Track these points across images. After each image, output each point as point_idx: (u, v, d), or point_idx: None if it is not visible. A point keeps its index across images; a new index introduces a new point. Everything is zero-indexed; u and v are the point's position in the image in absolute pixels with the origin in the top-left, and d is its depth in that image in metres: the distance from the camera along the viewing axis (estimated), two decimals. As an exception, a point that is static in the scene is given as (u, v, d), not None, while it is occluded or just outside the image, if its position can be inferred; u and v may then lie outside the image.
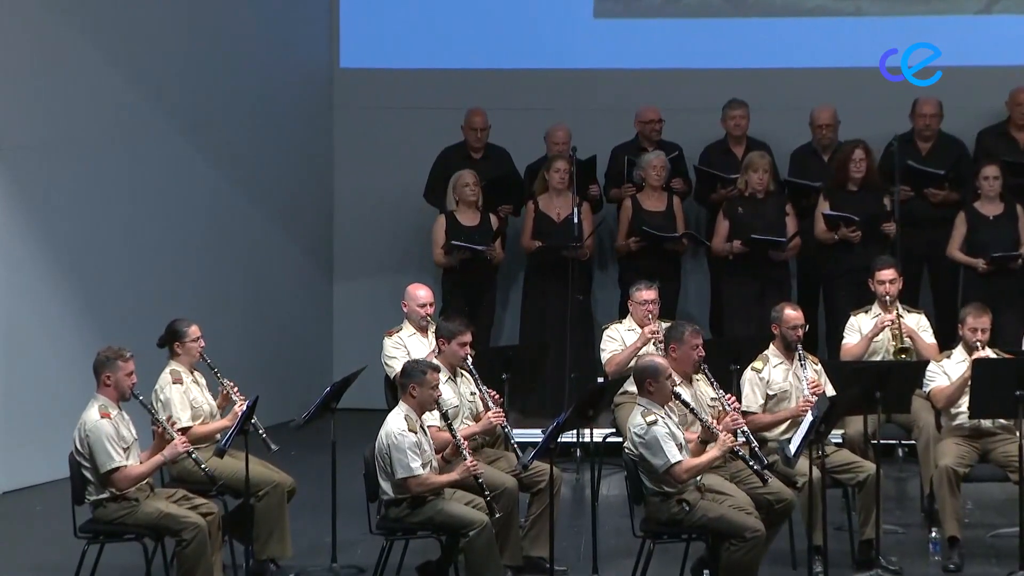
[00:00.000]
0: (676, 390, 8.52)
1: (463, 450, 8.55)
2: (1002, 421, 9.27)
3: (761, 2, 13.21)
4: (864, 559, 9.09)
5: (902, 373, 9.29)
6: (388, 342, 10.18)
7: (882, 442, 9.42)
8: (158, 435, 8.57)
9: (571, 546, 9.48)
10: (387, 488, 8.48)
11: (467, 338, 9.13)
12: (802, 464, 8.70)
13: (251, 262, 12.74)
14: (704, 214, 12.66)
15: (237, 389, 9.21)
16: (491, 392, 9.17)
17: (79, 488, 8.48)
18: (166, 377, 9.15)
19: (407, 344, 10.11)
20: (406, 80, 13.31)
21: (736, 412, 8.82)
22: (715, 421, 8.74)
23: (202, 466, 8.59)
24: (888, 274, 10.29)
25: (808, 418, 8.61)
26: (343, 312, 13.53)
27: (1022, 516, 8.88)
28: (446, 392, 9.00)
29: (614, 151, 12.60)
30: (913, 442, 10.08)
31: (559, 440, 8.65)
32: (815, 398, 9.08)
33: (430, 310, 10.22)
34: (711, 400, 8.98)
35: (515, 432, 9.25)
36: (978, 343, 9.41)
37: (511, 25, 13.34)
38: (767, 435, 9.19)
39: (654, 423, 8.34)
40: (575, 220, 11.69)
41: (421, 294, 10.23)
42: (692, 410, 8.56)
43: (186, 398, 9.11)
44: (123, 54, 11.58)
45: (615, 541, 9.40)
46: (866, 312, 10.38)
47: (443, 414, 8.65)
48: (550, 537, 8.66)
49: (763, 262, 11.81)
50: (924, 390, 9.52)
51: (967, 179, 11.95)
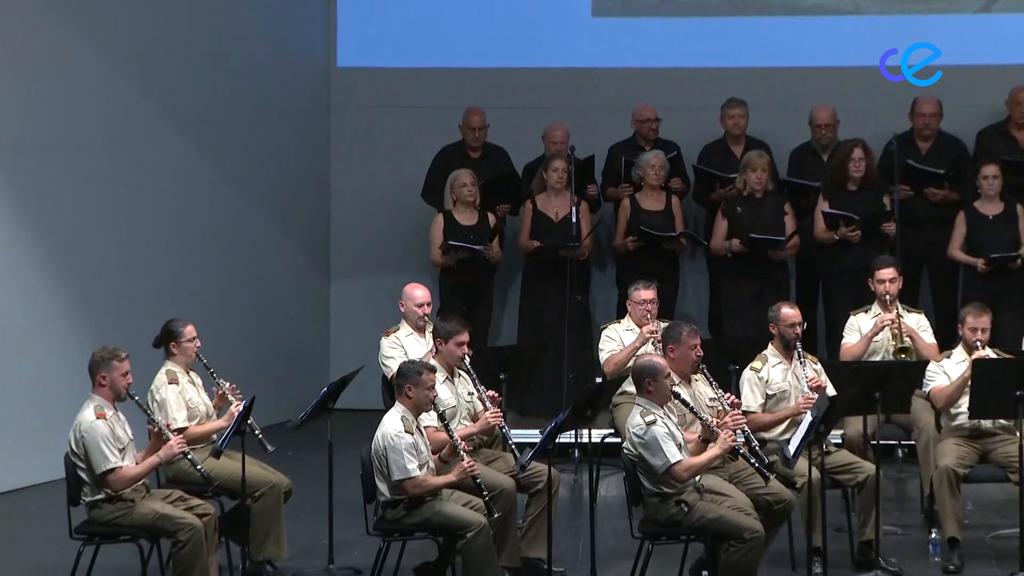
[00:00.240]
0: (675, 389, 8.52)
1: (460, 451, 8.55)
2: (1002, 421, 9.28)
3: (760, 1, 13.21)
4: (864, 560, 9.09)
5: (902, 373, 9.29)
6: (385, 342, 10.18)
7: (882, 442, 9.42)
8: (154, 436, 8.57)
9: (569, 547, 9.48)
10: (384, 489, 8.48)
11: (464, 338, 9.13)
12: (801, 465, 8.70)
13: (248, 261, 12.73)
14: (703, 214, 12.66)
15: (234, 389, 9.21)
16: (489, 392, 9.17)
17: (74, 489, 8.47)
18: (162, 377, 9.14)
19: (404, 344, 10.11)
20: (404, 79, 13.30)
21: (737, 411, 8.82)
22: (714, 420, 8.75)
23: (198, 467, 8.58)
24: (888, 273, 10.30)
25: (807, 418, 8.61)
26: (340, 312, 13.53)
27: (1022, 517, 8.88)
28: (443, 392, 9.00)
29: (611, 150, 12.60)
30: (913, 442, 10.08)
31: (557, 440, 8.64)
32: (816, 395, 9.08)
33: (427, 310, 10.22)
34: (710, 400, 8.98)
35: (513, 432, 9.24)
36: (978, 343, 9.42)
37: (509, 23, 13.34)
38: (766, 435, 9.19)
39: (653, 423, 8.34)
40: (573, 220, 11.69)
41: (418, 294, 10.23)
42: (692, 409, 8.56)
43: (182, 398, 9.11)
44: (121, 53, 11.58)
45: (613, 542, 9.40)
46: (866, 312, 10.39)
47: (440, 415, 8.65)
48: (548, 538, 8.66)
49: (762, 262, 11.81)
50: (924, 390, 9.52)
51: (967, 178, 11.96)
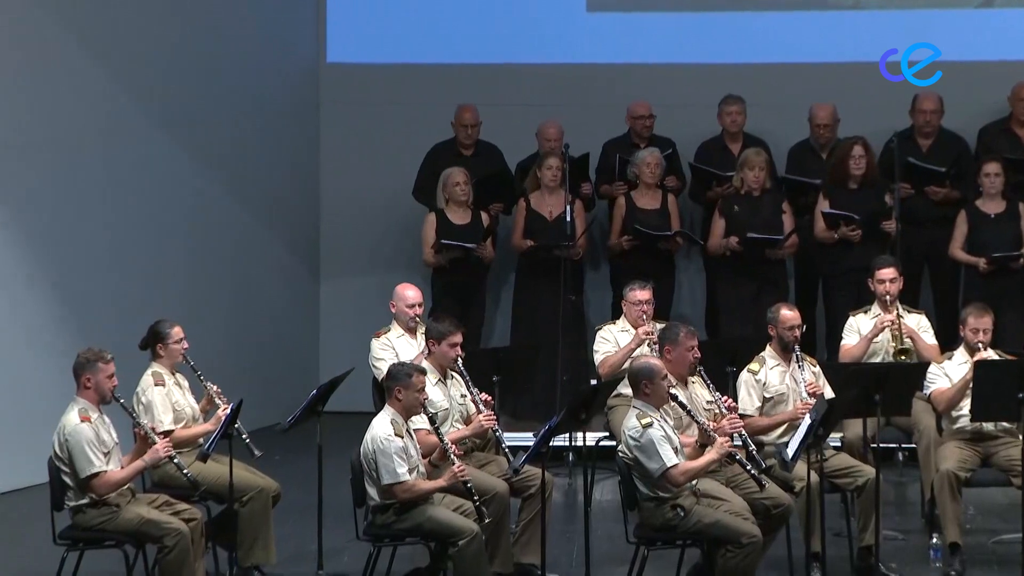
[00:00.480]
0: (672, 392, 8.49)
1: (451, 455, 8.52)
2: (1004, 424, 9.26)
3: (758, -5, 13.22)
4: (863, 566, 9.07)
5: (902, 375, 9.27)
6: (376, 343, 10.16)
7: (882, 446, 9.40)
8: (139, 439, 8.54)
9: (563, 553, 9.46)
10: (374, 493, 8.46)
11: (458, 339, 9.11)
12: (800, 468, 8.68)
13: (235, 261, 12.71)
14: (699, 212, 12.64)
15: (221, 392, 9.19)
16: (482, 395, 9.14)
17: (58, 494, 8.44)
18: (148, 379, 9.12)
19: (395, 346, 10.09)
20: (394, 75, 13.28)
21: (734, 414, 8.81)
22: (712, 424, 8.72)
23: (184, 471, 8.56)
24: (888, 273, 10.28)
25: (806, 421, 8.59)
26: (330, 313, 13.51)
27: (1025, 521, 8.87)
28: (436, 394, 8.98)
29: (605, 146, 12.58)
30: (913, 446, 10.07)
31: (551, 444, 8.62)
32: (813, 400, 9.06)
33: (419, 311, 10.21)
34: (707, 403, 8.96)
35: (506, 436, 9.22)
36: (980, 344, 9.40)
37: (503, 18, 13.32)
38: (764, 439, 9.18)
39: (650, 426, 8.32)
40: (568, 219, 11.67)
41: (410, 294, 10.21)
42: (689, 412, 8.54)
43: (168, 401, 9.09)
44: (105, 50, 11.55)
45: (608, 547, 9.37)
46: (865, 312, 10.37)
47: (431, 418, 8.62)
48: (542, 544, 8.63)
49: (759, 261, 11.80)
50: (924, 392, 9.50)
51: (968, 176, 11.94)
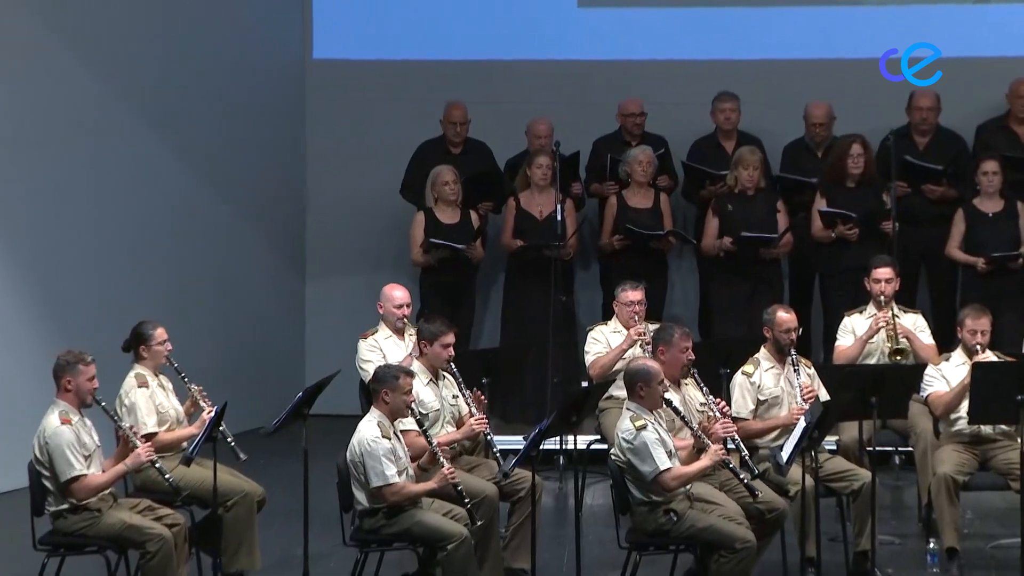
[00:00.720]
0: (667, 396, 8.48)
1: (440, 457, 8.50)
2: (1003, 427, 9.26)
3: (752, -9, 13.21)
4: (859, 571, 9.07)
5: (898, 377, 9.26)
6: (363, 345, 10.15)
7: (878, 449, 9.39)
8: (121, 442, 8.52)
9: (554, 557, 9.44)
10: (361, 497, 8.44)
11: (450, 340, 9.11)
12: (794, 472, 8.67)
13: (220, 261, 12.69)
14: (692, 211, 12.63)
15: (205, 394, 9.17)
16: (476, 395, 9.12)
17: (38, 498, 8.41)
18: (131, 381, 9.10)
19: (383, 347, 10.08)
20: (382, 72, 13.27)
21: (727, 418, 8.80)
22: (705, 426, 8.72)
23: (166, 476, 8.53)
24: (884, 273, 10.28)
25: (801, 424, 8.58)
26: (316, 313, 13.49)
27: (1023, 526, 8.85)
28: (427, 395, 8.98)
29: (596, 144, 12.58)
30: (910, 449, 10.07)
31: (541, 447, 8.60)
32: (808, 404, 9.05)
33: (407, 311, 10.19)
34: (700, 405, 8.96)
35: (495, 438, 9.20)
36: (978, 346, 9.39)
37: (492, 14, 13.31)
38: (758, 442, 9.17)
39: (644, 428, 8.31)
40: (559, 218, 11.66)
41: (397, 295, 10.20)
42: (683, 418, 8.53)
43: (152, 403, 9.07)
44: (89, 45, 11.52)
45: (600, 552, 9.36)
46: (860, 313, 10.37)
47: (418, 421, 8.61)
48: (532, 548, 8.63)
49: (754, 261, 11.79)
50: (922, 395, 9.49)
51: (966, 175, 11.94)
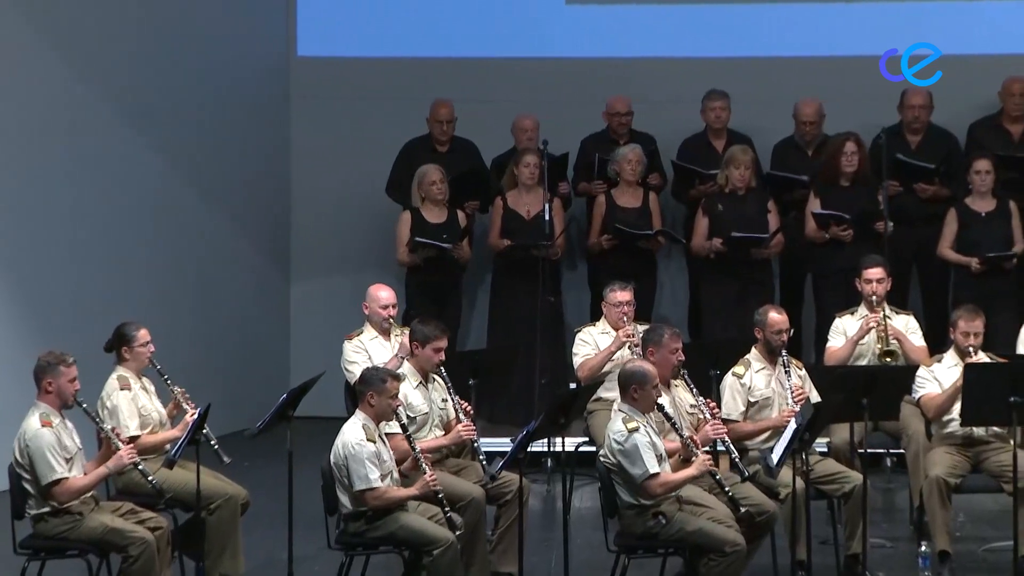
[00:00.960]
0: (660, 402, 8.49)
1: (422, 464, 8.50)
2: (995, 429, 9.27)
3: (742, -13, 13.22)
4: (850, 574, 9.08)
5: (890, 379, 9.27)
6: (348, 346, 10.15)
7: (869, 451, 9.42)
8: (104, 444, 8.51)
9: (541, 561, 9.44)
10: (346, 500, 8.43)
11: (443, 344, 9.11)
12: (785, 474, 8.67)
13: (203, 261, 12.67)
14: (682, 210, 12.64)
15: (188, 396, 9.16)
16: (463, 403, 9.13)
17: (19, 502, 8.40)
18: (113, 383, 9.09)
19: (368, 348, 10.08)
20: (367, 69, 13.26)
21: (717, 420, 8.81)
22: (694, 429, 8.73)
23: (149, 478, 8.52)
24: (876, 273, 10.30)
25: (791, 426, 8.58)
26: (301, 314, 13.49)
27: (1016, 529, 8.87)
28: (416, 398, 8.98)
29: (584, 143, 12.58)
30: (902, 451, 10.06)
31: (529, 449, 8.61)
32: (799, 406, 9.05)
33: (393, 312, 10.19)
34: (690, 407, 8.96)
35: (482, 441, 9.20)
36: (971, 348, 9.39)
37: (480, 11, 13.31)
38: (749, 444, 9.18)
39: (636, 430, 8.32)
40: (547, 217, 11.66)
41: (383, 295, 10.20)
42: (674, 426, 8.54)
43: (134, 406, 9.06)
44: (68, 40, 11.50)
45: (588, 556, 9.36)
46: (852, 314, 10.39)
47: (403, 425, 8.60)
48: (519, 552, 8.62)
49: (744, 261, 11.79)
50: (913, 396, 9.50)
51: (958, 174, 11.96)
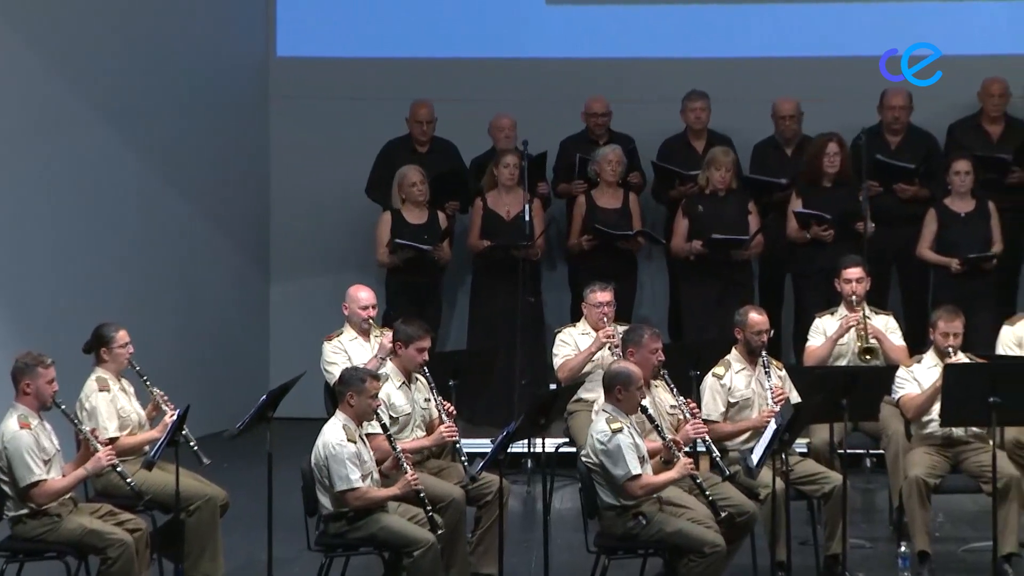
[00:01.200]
0: (643, 403, 8.51)
1: (403, 464, 8.51)
2: (975, 429, 9.30)
3: (722, -12, 13.24)
4: (830, 575, 9.10)
5: (870, 379, 9.30)
6: (328, 347, 10.15)
7: (849, 452, 9.43)
8: (83, 446, 8.50)
9: (521, 562, 9.45)
10: (326, 502, 8.44)
11: (426, 344, 9.13)
12: (765, 475, 8.69)
13: (182, 262, 12.65)
14: (662, 211, 12.65)
15: (167, 398, 9.15)
16: (446, 404, 9.13)
17: (-3, 503, 8.40)
18: (92, 385, 9.08)
19: (348, 349, 10.07)
20: (347, 69, 13.25)
21: (697, 419, 8.83)
22: (675, 429, 8.75)
23: (127, 480, 8.52)
24: (854, 273, 10.33)
25: (771, 426, 8.61)
26: (280, 315, 13.47)
27: (995, 529, 8.90)
28: (399, 398, 8.99)
29: (563, 144, 12.59)
30: (881, 451, 10.10)
31: (509, 450, 8.62)
32: (779, 407, 9.08)
33: (372, 312, 10.20)
34: (671, 407, 8.98)
35: (463, 441, 9.21)
36: (950, 349, 9.42)
37: (459, 11, 13.30)
38: (729, 444, 9.19)
39: (619, 431, 8.34)
40: (527, 218, 11.67)
41: (363, 296, 10.20)
42: (657, 428, 8.56)
43: (113, 407, 9.05)
44: (46, 41, 11.46)
45: (568, 557, 9.37)
46: (831, 314, 10.41)
47: (383, 424, 8.61)
48: (499, 553, 8.64)
49: (724, 262, 11.81)
50: (893, 397, 9.53)
51: (938, 174, 12.00)
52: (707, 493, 8.47)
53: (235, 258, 13.22)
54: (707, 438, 8.82)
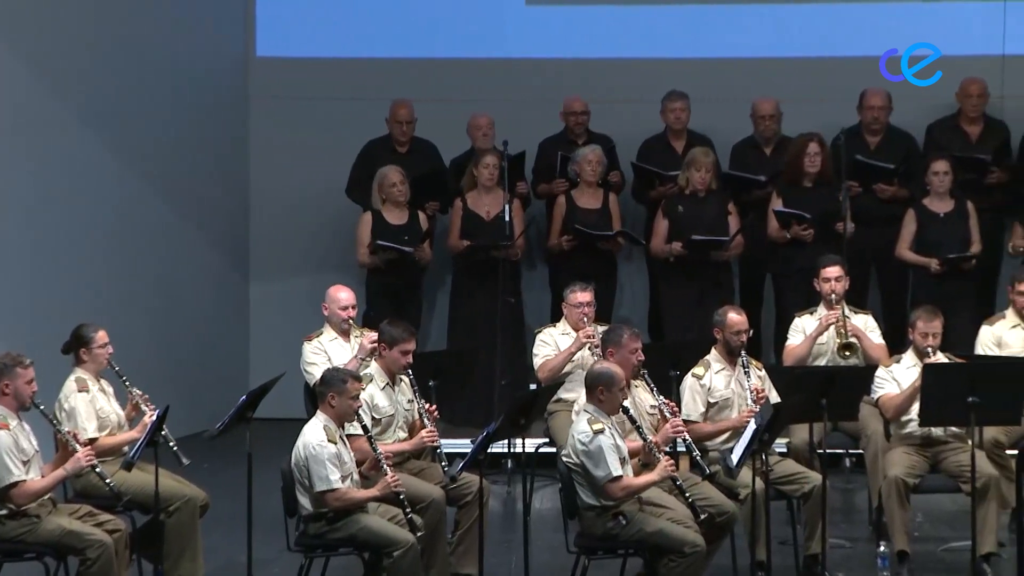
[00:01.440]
0: (626, 405, 8.51)
1: (383, 465, 8.51)
2: (954, 429, 9.33)
3: (701, -12, 13.25)
4: (810, 574, 9.12)
5: (849, 379, 9.32)
6: (308, 347, 10.14)
7: (828, 451, 9.46)
8: (61, 447, 8.49)
9: (501, 563, 9.45)
10: (306, 503, 8.43)
11: (411, 346, 9.13)
12: (745, 475, 8.71)
13: (161, 262, 12.63)
14: (642, 211, 12.66)
15: (147, 398, 9.14)
16: (429, 408, 9.13)
17: (-25, 504, 8.38)
18: (71, 385, 9.06)
19: (328, 349, 10.07)
20: (326, 69, 13.24)
21: (677, 419, 8.84)
22: (654, 429, 8.76)
23: (106, 481, 8.50)
24: (833, 272, 10.35)
25: (751, 426, 8.62)
26: (260, 315, 13.45)
27: (974, 529, 8.93)
28: (381, 400, 9.00)
29: (542, 145, 12.60)
30: (861, 451, 10.12)
31: (489, 450, 8.62)
32: (758, 406, 9.10)
33: (352, 313, 10.19)
34: (650, 407, 8.99)
35: (442, 442, 9.21)
36: (929, 348, 9.45)
37: (439, 12, 13.30)
38: (709, 444, 9.21)
39: (601, 432, 8.34)
40: (507, 218, 11.67)
41: (343, 296, 10.19)
42: (638, 428, 8.57)
43: (92, 407, 9.04)
44: (24, 39, 11.43)
45: (548, 557, 9.38)
46: (811, 314, 10.44)
47: (364, 426, 8.61)
48: (479, 553, 8.64)
49: (704, 263, 11.83)
50: (872, 397, 9.55)
51: (917, 174, 12.03)
52: (687, 494, 8.47)
53: (215, 258, 13.20)
54: (687, 438, 8.83)
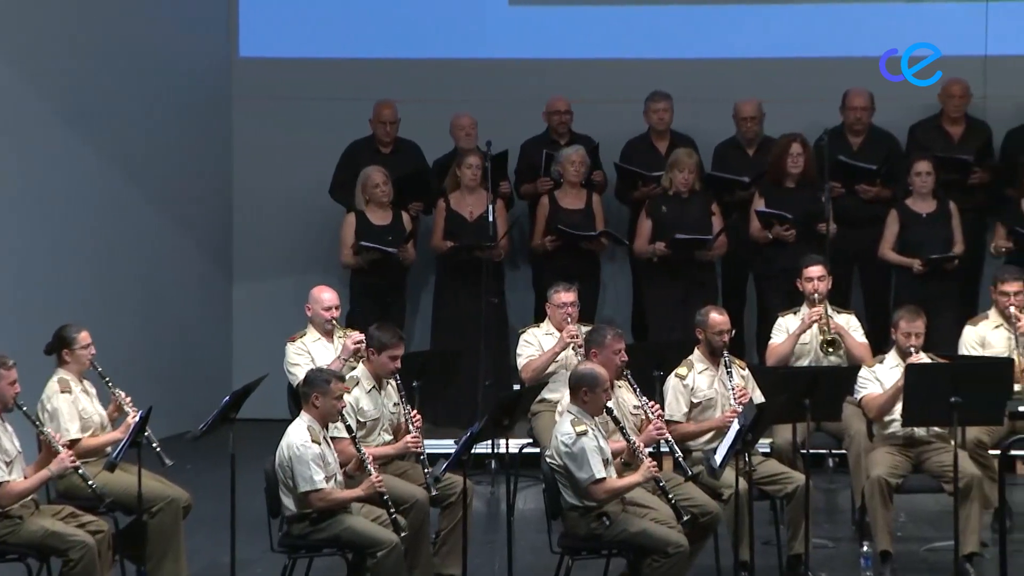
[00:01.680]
0: (609, 405, 8.51)
1: (368, 465, 8.50)
2: (936, 429, 9.34)
3: (684, -11, 13.26)
4: (793, 574, 9.13)
5: (832, 379, 9.33)
6: (291, 348, 10.13)
7: (811, 452, 9.45)
8: (44, 448, 8.47)
9: (485, 563, 9.46)
10: (289, 503, 8.43)
11: (399, 352, 9.12)
12: (728, 475, 8.71)
13: (144, 262, 12.61)
14: (625, 211, 12.67)
15: (129, 399, 9.12)
16: (413, 414, 9.12)
17: (-42, 506, 8.35)
18: (53, 386, 9.05)
19: (311, 350, 10.06)
20: (309, 70, 13.23)
21: (660, 420, 8.84)
22: (637, 430, 8.76)
23: (89, 482, 8.49)
24: (816, 271, 10.37)
25: (734, 427, 8.62)
26: (243, 316, 13.44)
27: (957, 529, 8.95)
28: (366, 403, 9.00)
29: (524, 145, 12.60)
30: (844, 452, 10.14)
31: (472, 451, 8.62)
32: (742, 407, 9.10)
33: (336, 313, 10.18)
34: (634, 408, 8.99)
35: (426, 442, 9.20)
36: (912, 348, 9.47)
37: (422, 12, 13.30)
38: (692, 444, 9.21)
39: (584, 434, 8.34)
40: (490, 219, 11.67)
41: (326, 297, 10.18)
42: (622, 429, 8.56)
43: (75, 408, 9.03)
44: (6, 40, 11.40)
45: (532, 558, 9.38)
46: (794, 313, 10.45)
47: (348, 427, 8.60)
48: (463, 554, 8.64)
49: (687, 263, 11.84)
50: (855, 397, 9.56)
51: (899, 175, 12.04)
52: (670, 495, 8.47)
53: (198, 259, 13.18)
54: (670, 438, 8.83)
